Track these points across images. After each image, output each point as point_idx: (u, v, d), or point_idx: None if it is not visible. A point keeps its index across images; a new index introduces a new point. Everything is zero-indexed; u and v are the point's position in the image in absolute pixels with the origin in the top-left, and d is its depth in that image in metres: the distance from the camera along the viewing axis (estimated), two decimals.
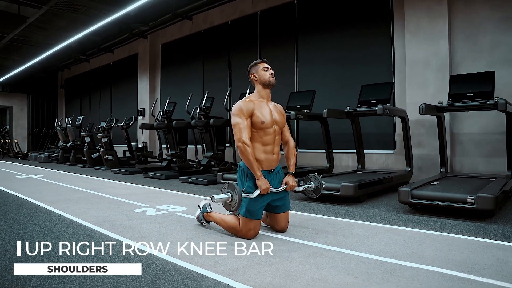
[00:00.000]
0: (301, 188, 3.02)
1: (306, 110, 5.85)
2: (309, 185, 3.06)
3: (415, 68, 5.53)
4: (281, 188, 2.75)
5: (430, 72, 5.38)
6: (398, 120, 5.64)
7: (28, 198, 4.61)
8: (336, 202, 4.13)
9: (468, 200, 3.14)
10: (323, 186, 3.02)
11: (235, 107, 2.68)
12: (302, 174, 5.72)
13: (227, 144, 7.79)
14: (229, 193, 2.56)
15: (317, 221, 3.21)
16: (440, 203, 3.27)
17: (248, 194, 2.60)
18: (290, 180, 2.79)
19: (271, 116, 2.73)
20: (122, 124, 9.83)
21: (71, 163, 10.75)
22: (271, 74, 2.81)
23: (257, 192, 2.58)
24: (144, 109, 11.50)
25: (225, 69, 8.78)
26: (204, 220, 3.00)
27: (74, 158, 10.76)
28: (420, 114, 4.19)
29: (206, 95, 7.45)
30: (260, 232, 2.82)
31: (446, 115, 5.07)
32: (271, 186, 2.65)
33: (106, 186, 5.77)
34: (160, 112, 9.05)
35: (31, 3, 7.95)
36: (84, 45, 11.78)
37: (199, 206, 3.09)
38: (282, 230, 2.81)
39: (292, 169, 2.87)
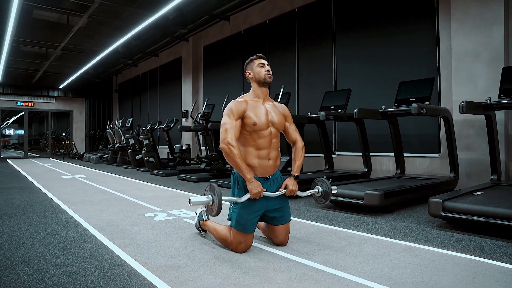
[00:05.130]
0: (306, 194, 2.66)
1: (339, 110, 5.46)
2: (316, 190, 2.69)
3: (462, 62, 4.87)
4: (278, 192, 2.44)
5: (479, 65, 4.71)
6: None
7: (55, 198, 4.74)
8: (361, 212, 3.71)
9: None
10: (333, 191, 2.65)
11: (226, 107, 2.44)
12: (337, 178, 5.33)
13: None
14: (209, 196, 2.26)
15: (327, 234, 2.86)
16: (477, 218, 2.74)
17: (236, 198, 2.33)
18: (290, 183, 2.46)
19: (267, 116, 2.44)
20: (163, 126, 10.01)
21: (118, 164, 11.18)
22: (267, 71, 2.52)
23: (246, 196, 2.31)
24: (187, 111, 11.64)
25: None
26: (201, 229, 2.79)
27: (121, 159, 11.18)
28: (460, 113, 3.62)
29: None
30: (255, 244, 2.55)
31: (499, 114, 4.38)
32: (264, 190, 2.35)
33: (135, 188, 5.81)
34: (198, 114, 9.07)
35: (74, 12, 8.39)
36: (130, 50, 12.26)
37: (196, 213, 2.88)
38: (280, 244, 2.51)
39: (295, 172, 2.53)
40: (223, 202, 2.22)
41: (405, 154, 5.31)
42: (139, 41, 11.11)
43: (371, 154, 5.68)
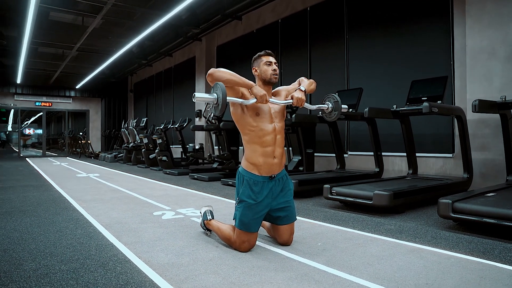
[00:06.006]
0: (315, 107, 2.63)
1: (351, 109, 5.40)
2: (325, 106, 2.67)
3: (477, 59, 4.74)
4: (285, 101, 2.42)
5: (496, 63, 4.58)
6: None
7: (67, 196, 4.83)
8: (370, 212, 3.66)
9: None
10: (344, 109, 2.68)
11: None
12: (348, 178, 5.28)
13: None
14: (214, 94, 2.19)
15: (333, 234, 2.82)
16: (488, 220, 2.66)
17: (242, 101, 2.30)
18: (297, 93, 2.44)
19: (269, 111, 2.43)
20: (176, 126, 10.09)
21: (132, 163, 11.32)
22: (274, 70, 2.49)
23: (253, 100, 2.29)
24: (200, 110, 11.69)
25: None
26: (205, 228, 2.80)
27: (135, 158, 11.30)
28: (473, 112, 3.53)
29: None
30: (259, 243, 2.54)
31: None
32: (269, 96, 2.32)
33: (146, 187, 5.87)
34: (211, 114, 9.11)
35: (88, 13, 8.55)
36: (145, 50, 12.40)
37: (200, 213, 2.89)
38: (285, 244, 2.49)
39: (303, 86, 2.52)
40: (228, 101, 2.20)
41: (418, 154, 5.22)
42: (153, 41, 11.24)
43: (384, 154, 5.60)
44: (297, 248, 2.43)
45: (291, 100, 2.42)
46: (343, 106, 2.65)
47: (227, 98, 2.18)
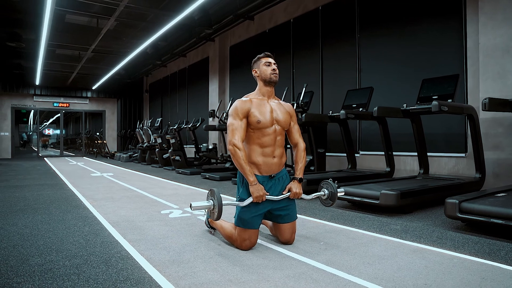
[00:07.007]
0: (311, 197, 2.63)
1: (361, 109, 5.36)
2: (322, 192, 2.67)
3: (491, 57, 4.63)
4: (281, 196, 2.42)
5: (510, 60, 4.44)
6: None
7: (79, 195, 4.93)
8: (377, 212, 3.62)
9: None
10: (340, 193, 2.61)
11: (231, 107, 2.46)
12: (359, 178, 5.24)
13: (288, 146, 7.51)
14: (211, 200, 2.31)
15: (337, 234, 2.80)
16: (495, 220, 2.60)
17: (238, 203, 2.35)
18: (294, 186, 2.45)
19: (271, 114, 2.44)
20: (189, 126, 10.18)
21: (146, 162, 11.47)
22: (273, 70, 2.51)
23: (249, 200, 2.32)
24: (214, 110, 11.74)
25: (288, 68, 8.50)
26: (210, 226, 2.82)
27: (149, 158, 11.45)
28: (483, 110, 3.45)
29: None
30: (262, 242, 2.55)
31: None
32: (267, 193, 2.35)
33: (157, 186, 5.94)
34: (223, 113, 9.16)
35: (102, 15, 8.71)
36: (159, 51, 12.54)
37: (205, 211, 2.91)
38: (286, 243, 2.49)
39: (298, 174, 2.51)
40: (224, 206, 2.26)
41: (430, 154, 5.13)
42: (167, 42, 11.36)
43: (396, 153, 5.53)
44: (299, 247, 2.43)
45: (288, 193, 2.44)
46: (339, 190, 2.62)
47: (223, 202, 2.25)
